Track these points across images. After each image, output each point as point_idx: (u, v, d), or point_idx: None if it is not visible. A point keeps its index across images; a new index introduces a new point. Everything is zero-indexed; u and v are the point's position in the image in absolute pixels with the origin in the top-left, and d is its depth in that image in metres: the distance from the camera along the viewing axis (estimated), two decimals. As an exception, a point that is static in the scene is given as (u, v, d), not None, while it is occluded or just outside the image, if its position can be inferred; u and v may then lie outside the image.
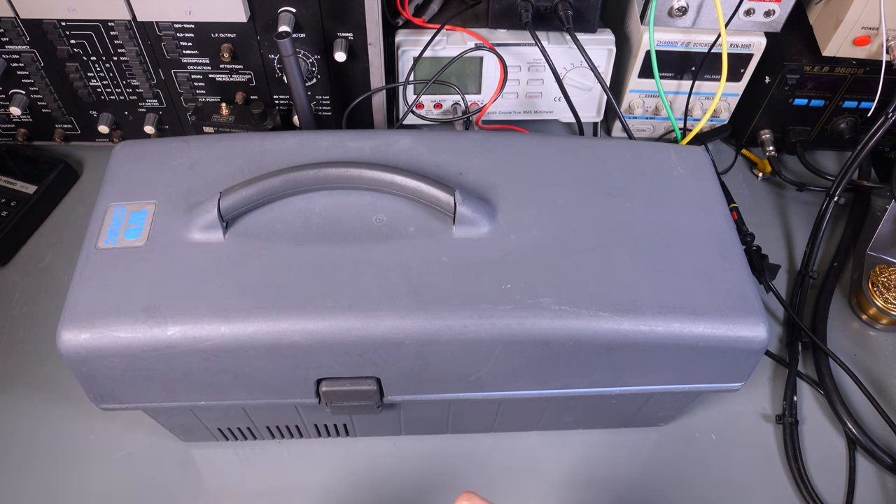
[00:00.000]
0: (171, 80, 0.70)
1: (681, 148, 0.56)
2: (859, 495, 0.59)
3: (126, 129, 0.76)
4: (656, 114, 0.80)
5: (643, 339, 0.45)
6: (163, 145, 0.53)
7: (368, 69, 0.69)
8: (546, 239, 0.48)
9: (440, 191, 0.47)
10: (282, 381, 0.47)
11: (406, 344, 0.44)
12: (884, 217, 0.72)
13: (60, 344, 0.43)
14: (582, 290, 0.46)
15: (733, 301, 0.46)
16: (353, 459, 0.60)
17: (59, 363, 0.63)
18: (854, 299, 0.71)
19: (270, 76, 0.70)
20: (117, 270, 0.46)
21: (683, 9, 0.69)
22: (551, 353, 0.46)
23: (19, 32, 0.65)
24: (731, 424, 0.63)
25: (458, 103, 0.77)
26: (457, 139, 0.55)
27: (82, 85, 0.70)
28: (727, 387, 0.51)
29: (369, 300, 0.44)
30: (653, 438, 0.62)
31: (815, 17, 0.73)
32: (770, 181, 0.81)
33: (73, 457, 0.59)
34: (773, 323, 0.70)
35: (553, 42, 0.71)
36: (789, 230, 0.77)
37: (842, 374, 0.64)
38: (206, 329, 0.43)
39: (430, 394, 0.50)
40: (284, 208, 0.49)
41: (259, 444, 0.60)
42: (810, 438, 0.62)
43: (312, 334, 0.44)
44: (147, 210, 0.49)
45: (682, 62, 0.74)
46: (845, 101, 0.75)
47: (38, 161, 0.76)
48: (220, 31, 0.65)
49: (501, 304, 0.45)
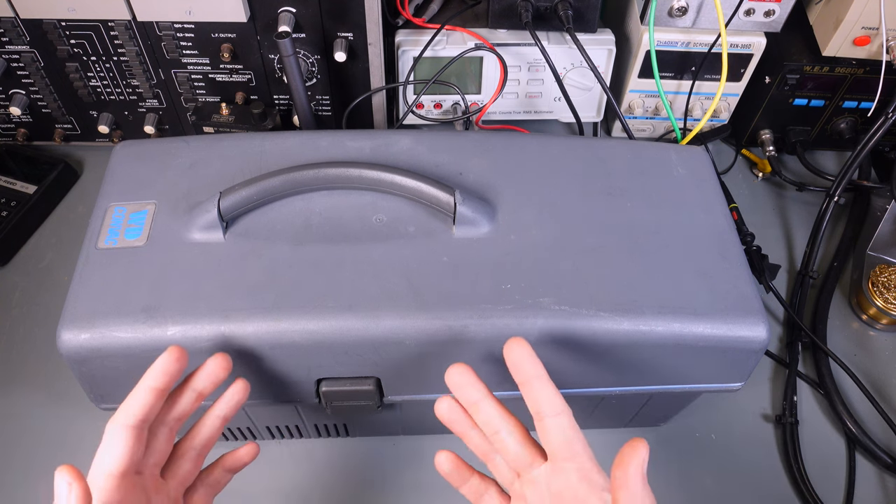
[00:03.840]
0: (171, 80, 0.70)
1: (681, 148, 0.56)
2: (859, 495, 0.59)
3: (126, 129, 0.76)
4: (656, 114, 0.80)
5: (643, 339, 0.45)
6: (163, 145, 0.53)
7: (368, 69, 0.69)
8: (546, 239, 0.48)
9: (440, 191, 0.47)
10: (282, 381, 0.47)
11: (406, 344, 0.44)
12: (884, 217, 0.72)
13: (60, 344, 0.43)
14: (582, 290, 0.46)
15: (733, 301, 0.46)
16: (353, 459, 0.60)
17: (59, 363, 0.63)
18: (854, 299, 0.71)
19: (270, 76, 0.70)
20: (117, 270, 0.46)
21: (683, 9, 0.69)
22: (551, 354, 0.46)
23: (19, 32, 0.65)
24: (731, 424, 0.63)
25: (458, 103, 0.77)
26: (457, 139, 0.55)
27: (82, 85, 0.70)
28: (727, 387, 0.51)
29: (369, 300, 0.44)
30: (653, 438, 0.62)
31: (815, 17, 0.73)
32: (770, 181, 0.81)
33: (73, 457, 0.59)
34: (773, 323, 0.70)
35: (553, 42, 0.71)
36: (789, 230, 0.77)
37: (842, 374, 0.64)
38: (206, 329, 0.43)
39: (430, 394, 0.50)
40: (284, 208, 0.49)
41: (259, 444, 0.60)
42: (810, 438, 0.62)
43: (312, 334, 0.44)
44: (147, 210, 0.49)
45: (682, 62, 0.74)
46: (845, 101, 0.75)
47: (38, 161, 0.76)
48: (220, 31, 0.65)
49: (501, 304, 0.45)
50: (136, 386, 0.41)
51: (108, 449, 0.39)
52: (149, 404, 0.40)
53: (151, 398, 0.40)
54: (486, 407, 0.42)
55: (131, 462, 0.39)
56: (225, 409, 0.45)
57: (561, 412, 0.40)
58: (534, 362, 0.40)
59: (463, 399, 0.42)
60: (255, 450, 0.48)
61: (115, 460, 0.39)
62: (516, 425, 0.42)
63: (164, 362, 0.41)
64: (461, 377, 0.42)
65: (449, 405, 0.44)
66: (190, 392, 0.43)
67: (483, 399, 0.42)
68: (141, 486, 0.41)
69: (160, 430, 0.42)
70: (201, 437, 0.45)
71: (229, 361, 0.43)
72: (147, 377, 0.41)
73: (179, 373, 0.42)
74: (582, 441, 0.40)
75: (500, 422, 0.42)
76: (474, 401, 0.42)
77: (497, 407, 0.42)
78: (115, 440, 0.39)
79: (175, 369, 0.41)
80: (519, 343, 0.41)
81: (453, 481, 0.46)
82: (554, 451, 0.40)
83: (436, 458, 0.46)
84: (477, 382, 0.42)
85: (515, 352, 0.41)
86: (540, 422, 0.40)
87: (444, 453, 0.46)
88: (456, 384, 0.42)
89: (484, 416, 0.42)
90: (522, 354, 0.40)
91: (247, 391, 0.45)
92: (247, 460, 0.48)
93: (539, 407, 0.40)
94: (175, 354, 0.41)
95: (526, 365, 0.40)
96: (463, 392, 0.42)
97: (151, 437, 0.42)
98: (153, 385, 0.40)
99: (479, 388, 0.42)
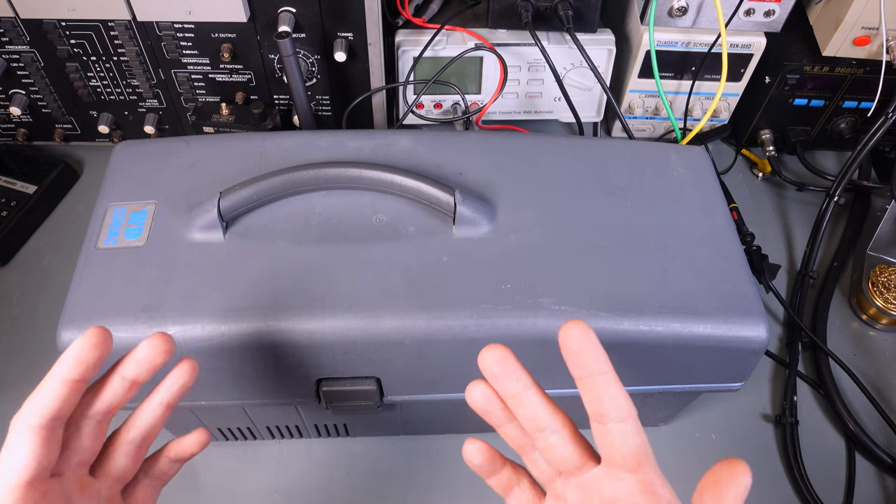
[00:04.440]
0: (171, 80, 0.70)
1: (681, 148, 0.56)
2: (858, 495, 0.59)
3: (126, 129, 0.76)
4: (656, 114, 0.80)
5: (643, 339, 0.45)
6: (163, 145, 0.53)
7: (368, 69, 0.69)
8: (546, 239, 0.48)
9: (440, 191, 0.47)
10: (282, 381, 0.47)
11: (406, 344, 0.44)
12: (884, 217, 0.72)
13: (60, 344, 0.43)
14: (582, 290, 0.46)
15: (733, 301, 0.46)
16: (353, 459, 0.60)
17: (59, 363, 0.63)
18: (854, 299, 0.71)
19: (270, 76, 0.70)
20: (117, 270, 0.46)
21: (683, 9, 0.69)
22: (551, 353, 0.46)
23: (19, 32, 0.65)
24: (731, 424, 0.63)
25: (458, 103, 0.77)
26: (457, 139, 0.55)
27: (82, 85, 0.70)
28: (727, 387, 0.51)
29: (369, 300, 0.44)
30: (653, 438, 0.62)
31: (815, 17, 0.73)
32: (770, 181, 0.81)
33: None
34: (773, 323, 0.70)
35: (553, 42, 0.71)
36: (789, 230, 0.77)
37: (841, 374, 0.64)
38: (206, 329, 0.43)
39: (430, 394, 0.50)
40: (284, 208, 0.49)
41: (259, 444, 0.60)
42: (810, 439, 0.62)
43: (312, 334, 0.44)
44: (147, 210, 0.49)
45: (682, 62, 0.74)
46: (845, 101, 0.75)
47: (38, 161, 0.76)
48: (220, 31, 0.65)
49: (501, 304, 0.45)
50: (45, 377, 0.34)
51: (11, 454, 0.33)
52: (61, 398, 0.34)
53: (64, 390, 0.34)
54: (530, 400, 0.35)
55: (40, 467, 0.33)
56: (166, 394, 0.38)
57: (627, 416, 0.33)
58: (598, 354, 0.33)
59: (502, 389, 0.36)
60: (204, 437, 0.42)
61: (21, 468, 0.33)
62: (565, 422, 0.36)
63: (79, 349, 0.34)
64: (501, 365, 0.35)
65: (484, 393, 0.37)
66: (118, 379, 0.36)
67: (526, 391, 0.35)
68: (59, 490, 0.35)
69: (84, 425, 0.36)
70: (138, 429, 0.38)
71: (169, 342, 0.36)
72: (58, 366, 0.34)
73: (100, 360, 0.35)
74: (648, 451, 0.34)
75: (546, 419, 0.35)
76: (514, 393, 0.35)
77: (543, 401, 0.35)
78: (19, 443, 0.33)
79: (93, 357, 0.34)
80: (580, 328, 0.33)
81: (483, 473, 0.40)
82: (615, 459, 0.34)
83: (465, 449, 0.39)
84: (519, 370, 0.35)
85: (575, 338, 0.33)
86: (601, 425, 0.34)
87: (475, 444, 0.39)
88: (493, 374, 0.35)
89: (527, 411, 0.35)
90: (585, 343, 0.33)
91: (194, 373, 0.39)
92: (194, 449, 0.42)
93: (602, 408, 0.33)
94: (93, 339, 0.34)
95: (589, 357, 0.33)
96: (502, 383, 0.35)
97: (73, 434, 0.36)
98: (66, 376, 0.34)
99: (522, 377, 0.35)
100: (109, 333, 0.35)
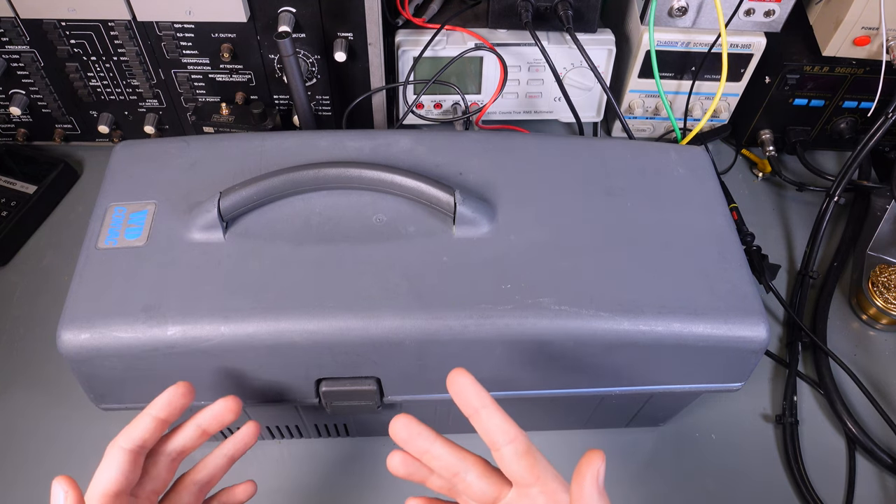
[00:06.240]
0: (171, 80, 0.70)
1: (681, 148, 0.56)
2: (859, 495, 0.59)
3: (126, 129, 0.76)
4: (656, 114, 0.80)
5: (643, 339, 0.45)
6: (163, 145, 0.53)
7: (368, 69, 0.69)
8: (546, 239, 0.48)
9: (440, 191, 0.47)
10: (282, 381, 0.47)
11: (406, 344, 0.44)
12: (884, 217, 0.72)
13: (60, 344, 0.43)
14: (582, 290, 0.46)
15: (733, 301, 0.46)
16: (353, 459, 0.60)
17: (60, 363, 0.63)
18: (854, 299, 0.71)
19: (270, 76, 0.70)
20: (117, 270, 0.46)
21: (683, 9, 0.69)
22: (551, 354, 0.46)
23: (19, 32, 0.65)
24: (731, 424, 0.63)
25: (458, 103, 0.77)
26: (457, 139, 0.55)
27: (82, 85, 0.70)
28: (727, 387, 0.51)
29: (369, 300, 0.44)
30: (653, 438, 0.62)
31: (815, 17, 0.73)
32: (770, 181, 0.81)
33: (73, 457, 0.59)
34: (773, 323, 0.70)
35: (553, 42, 0.71)
36: (789, 230, 0.77)
37: (842, 374, 0.64)
38: (206, 329, 0.43)
39: (430, 394, 0.50)
40: (284, 208, 0.49)
41: (259, 444, 0.60)
42: (810, 438, 0.62)
43: (312, 334, 0.44)
44: (147, 210, 0.49)
45: (682, 62, 0.74)
46: (845, 101, 0.75)
47: (38, 161, 0.76)
48: (220, 31, 0.65)
49: (501, 304, 0.45)
50: (139, 413, 0.42)
51: (104, 469, 0.41)
52: (148, 430, 0.41)
53: (152, 425, 0.42)
54: (438, 451, 0.41)
55: (125, 483, 0.40)
56: (232, 449, 0.47)
57: (514, 438, 0.38)
58: (478, 392, 0.39)
59: (413, 450, 0.41)
60: (252, 488, 0.49)
61: (110, 480, 0.40)
62: (474, 462, 0.41)
63: (170, 395, 0.42)
64: (406, 430, 0.40)
65: (401, 459, 0.42)
66: (193, 427, 0.44)
67: (432, 445, 0.41)
68: None
69: (160, 459, 0.44)
70: (205, 473, 0.46)
71: (239, 405, 0.44)
72: (151, 406, 0.42)
73: (183, 407, 0.43)
74: (542, 462, 0.39)
75: (456, 463, 0.41)
76: (425, 449, 0.41)
77: (450, 449, 0.41)
78: (111, 461, 0.41)
79: (179, 403, 0.42)
80: (460, 374, 0.39)
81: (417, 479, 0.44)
82: (516, 478, 0.39)
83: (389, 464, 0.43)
84: (422, 429, 0.41)
85: (457, 383, 0.39)
86: (497, 451, 0.39)
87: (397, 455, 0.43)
88: (403, 439, 0.41)
89: (438, 462, 0.41)
90: (465, 385, 0.39)
91: (256, 434, 0.47)
92: (243, 498, 0.49)
93: (492, 437, 0.39)
94: (181, 389, 0.43)
95: (471, 396, 0.39)
96: (412, 444, 0.41)
97: (151, 464, 0.43)
98: (155, 414, 0.42)
99: (427, 435, 0.41)
100: (192, 388, 0.43)
